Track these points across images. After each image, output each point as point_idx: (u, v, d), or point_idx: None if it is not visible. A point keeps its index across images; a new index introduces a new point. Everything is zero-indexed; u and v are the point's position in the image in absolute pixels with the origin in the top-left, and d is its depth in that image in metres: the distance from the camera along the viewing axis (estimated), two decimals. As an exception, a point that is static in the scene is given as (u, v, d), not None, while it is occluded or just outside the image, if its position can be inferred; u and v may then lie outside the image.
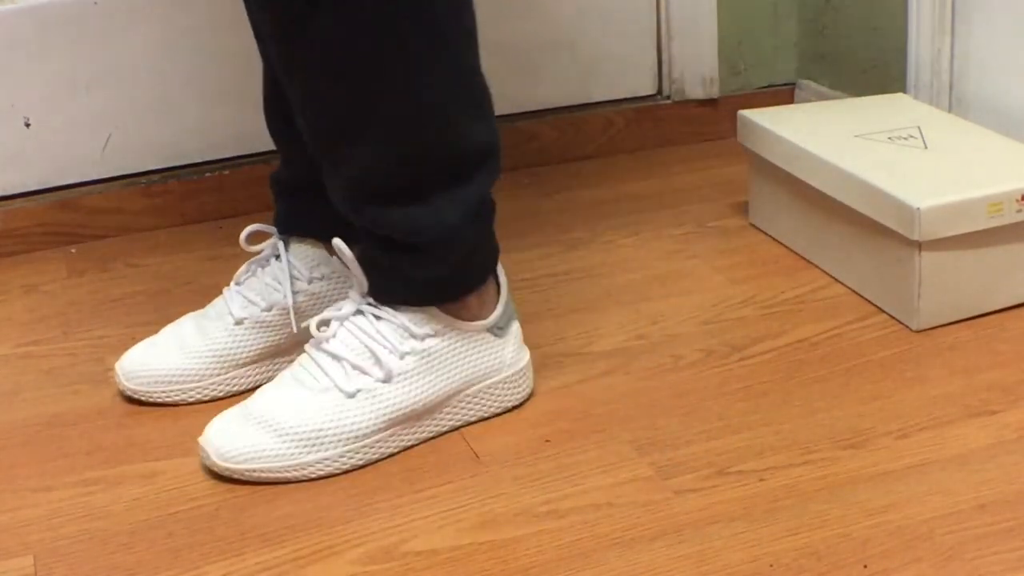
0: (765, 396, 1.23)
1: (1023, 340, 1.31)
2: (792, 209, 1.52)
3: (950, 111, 1.65)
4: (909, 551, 0.99)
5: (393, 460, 1.16)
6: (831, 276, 1.47)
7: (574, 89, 1.91)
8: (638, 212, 1.69)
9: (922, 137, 1.47)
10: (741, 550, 1.01)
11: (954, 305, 1.34)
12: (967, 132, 1.50)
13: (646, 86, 1.95)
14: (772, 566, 0.99)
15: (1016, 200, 1.32)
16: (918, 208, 1.29)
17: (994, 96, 1.60)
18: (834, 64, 1.89)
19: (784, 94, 1.98)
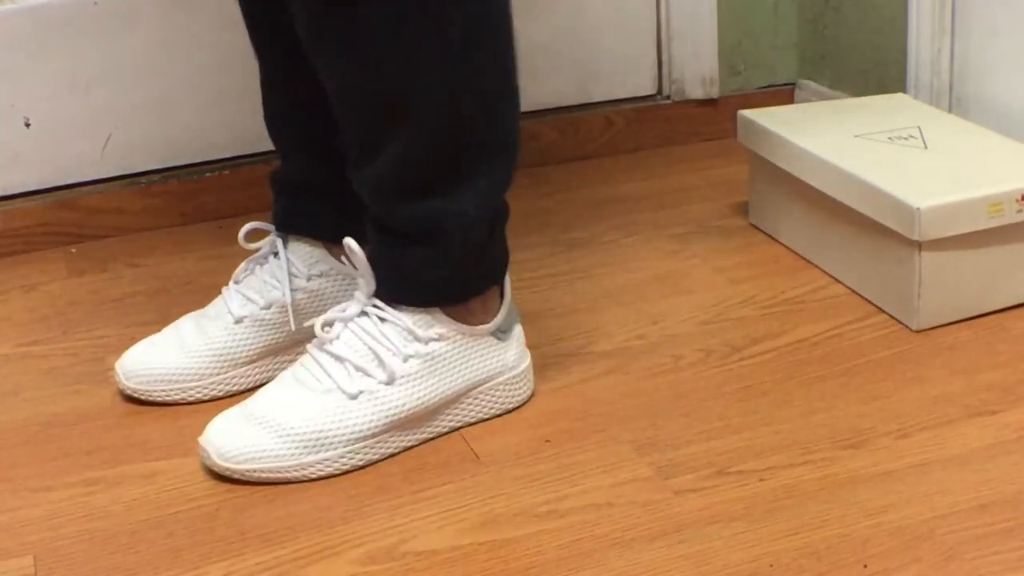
0: (765, 396, 1.23)
1: (1023, 340, 1.31)
2: (792, 209, 1.52)
3: (950, 111, 1.65)
4: (909, 551, 0.99)
5: (393, 460, 1.16)
6: (831, 276, 1.46)
7: (574, 89, 1.91)
8: (638, 212, 1.69)
9: (922, 137, 1.47)
10: (741, 550, 1.01)
11: (954, 305, 1.34)
12: (967, 132, 1.50)
13: (646, 86, 1.95)
14: (772, 566, 0.99)
15: (1016, 200, 1.32)
16: (918, 208, 1.29)
17: (994, 96, 1.59)
18: (834, 64, 1.89)
19: (784, 94, 1.97)
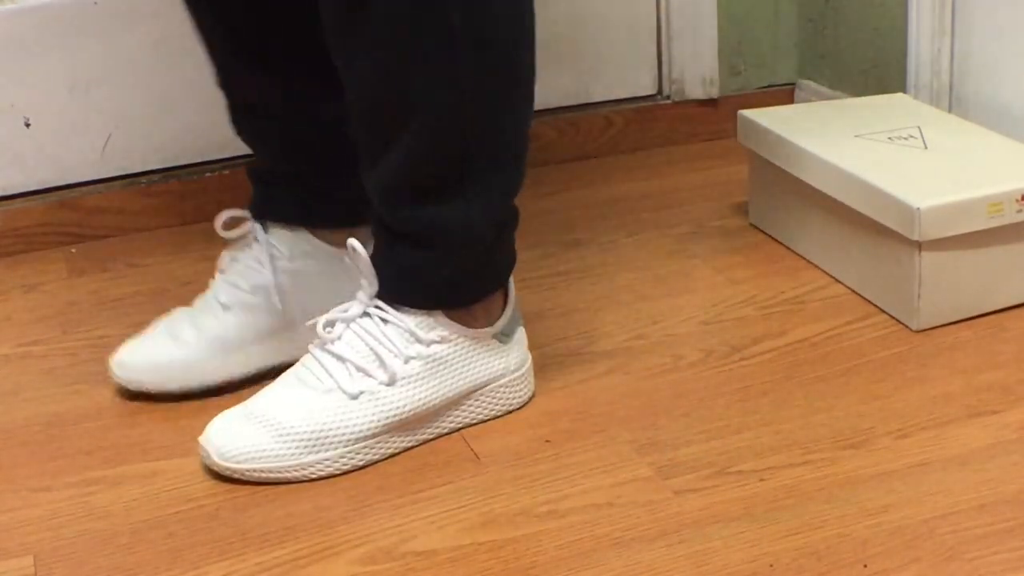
0: (765, 396, 1.23)
1: (1023, 340, 1.31)
2: (792, 209, 1.52)
3: (950, 111, 1.65)
4: (909, 551, 0.99)
5: (393, 460, 1.15)
6: (831, 276, 1.46)
7: (574, 89, 1.91)
8: (638, 212, 1.69)
9: (922, 137, 1.47)
10: (741, 550, 1.01)
11: (954, 305, 1.34)
12: (967, 132, 1.50)
13: (646, 86, 1.95)
14: (772, 566, 0.99)
15: (1016, 200, 1.32)
16: (918, 208, 1.29)
17: (994, 96, 1.59)
18: (834, 64, 1.89)
19: (784, 94, 1.97)
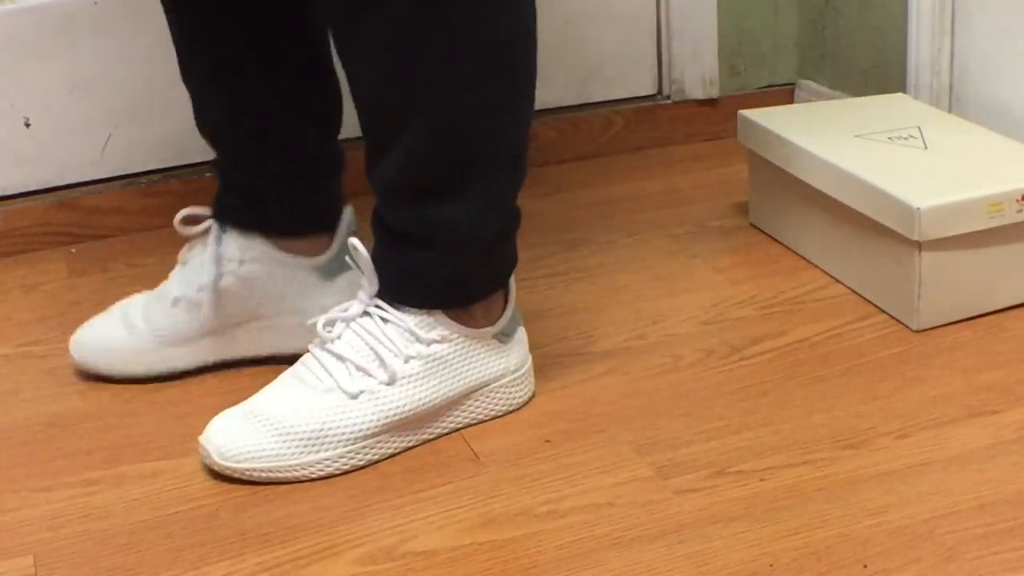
0: (765, 396, 1.23)
1: (1023, 340, 1.31)
2: (792, 209, 1.52)
3: (950, 111, 1.65)
4: (909, 551, 0.99)
5: (393, 460, 1.15)
6: (831, 276, 1.46)
7: (574, 89, 1.91)
8: (638, 212, 1.69)
9: (922, 137, 1.47)
10: (741, 550, 1.01)
11: (954, 305, 1.34)
12: (967, 132, 1.50)
13: (646, 86, 1.95)
14: (772, 566, 0.99)
15: (1016, 200, 1.32)
16: (918, 208, 1.29)
17: (994, 96, 1.59)
18: (834, 64, 1.89)
19: (784, 94, 1.97)
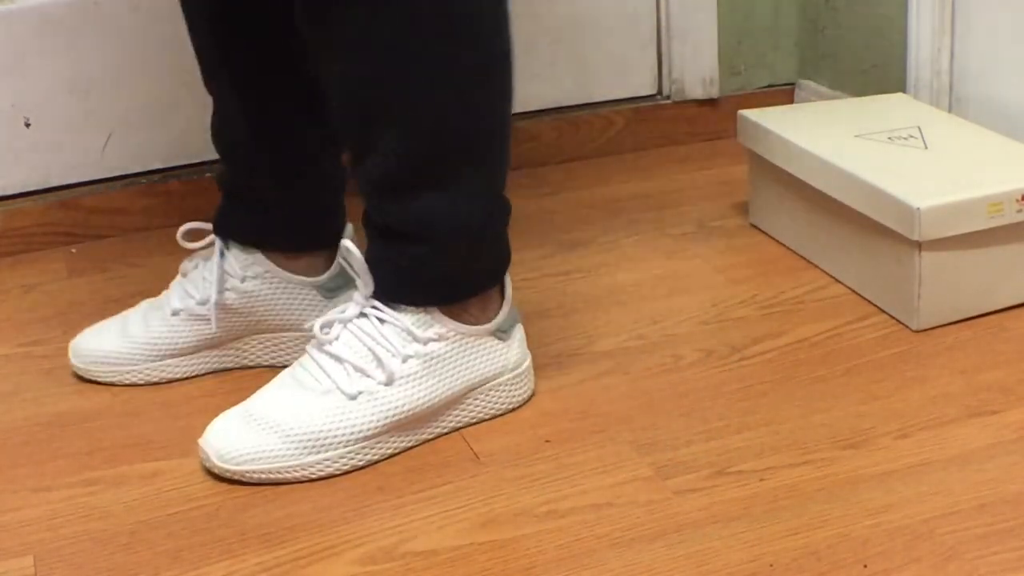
0: (765, 396, 1.23)
1: (1023, 340, 1.31)
2: (792, 209, 1.52)
3: (950, 111, 1.65)
4: (909, 551, 0.99)
5: (393, 460, 1.15)
6: (831, 276, 1.46)
7: (574, 89, 1.91)
8: (638, 212, 1.69)
9: (922, 137, 1.47)
10: (741, 550, 1.01)
11: (954, 305, 1.34)
12: (967, 132, 1.50)
13: (646, 86, 1.95)
14: (772, 566, 0.99)
15: (1016, 200, 1.32)
16: (918, 208, 1.29)
17: (994, 96, 1.59)
18: (834, 64, 1.89)
19: (784, 94, 1.97)
